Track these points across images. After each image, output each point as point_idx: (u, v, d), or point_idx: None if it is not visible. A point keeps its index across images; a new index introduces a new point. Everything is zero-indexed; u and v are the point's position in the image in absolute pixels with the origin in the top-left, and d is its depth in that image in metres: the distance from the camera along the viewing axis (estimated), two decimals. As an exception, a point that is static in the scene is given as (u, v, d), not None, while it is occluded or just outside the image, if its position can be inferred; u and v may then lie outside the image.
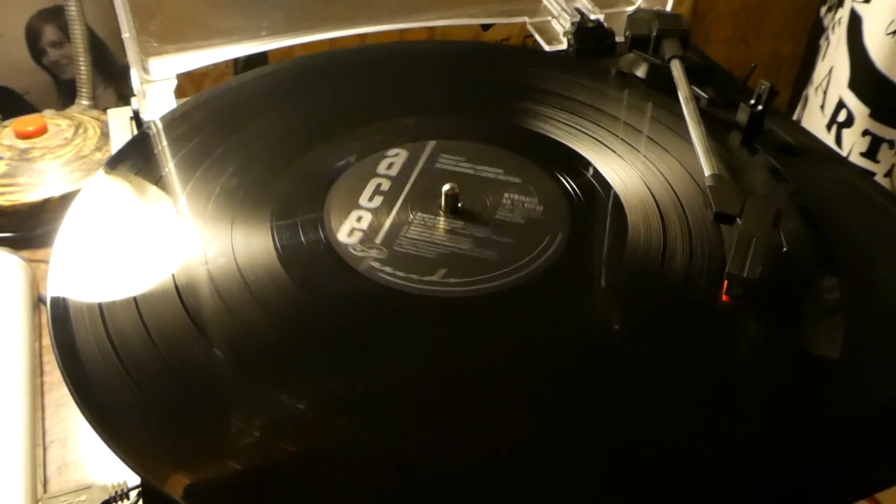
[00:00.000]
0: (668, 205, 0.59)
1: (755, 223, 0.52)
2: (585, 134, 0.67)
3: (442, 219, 0.58)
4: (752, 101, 0.66)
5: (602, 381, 0.47)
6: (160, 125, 0.64)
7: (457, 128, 0.65)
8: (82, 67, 1.00)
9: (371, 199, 0.60)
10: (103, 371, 0.46)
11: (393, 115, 0.66)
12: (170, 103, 0.68)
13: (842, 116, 1.03)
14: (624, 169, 0.63)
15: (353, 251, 0.55)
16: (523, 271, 0.54)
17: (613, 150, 0.65)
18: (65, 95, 1.10)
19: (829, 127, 1.05)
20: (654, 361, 0.49)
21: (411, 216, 0.58)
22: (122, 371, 0.46)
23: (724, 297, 0.51)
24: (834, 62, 1.06)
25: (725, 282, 0.51)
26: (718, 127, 0.67)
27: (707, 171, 0.58)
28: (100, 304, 0.50)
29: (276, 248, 0.55)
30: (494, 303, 0.52)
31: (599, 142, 0.66)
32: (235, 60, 0.79)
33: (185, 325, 0.49)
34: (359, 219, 0.58)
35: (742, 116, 0.67)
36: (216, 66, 0.79)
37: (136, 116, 0.67)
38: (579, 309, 0.52)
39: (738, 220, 0.53)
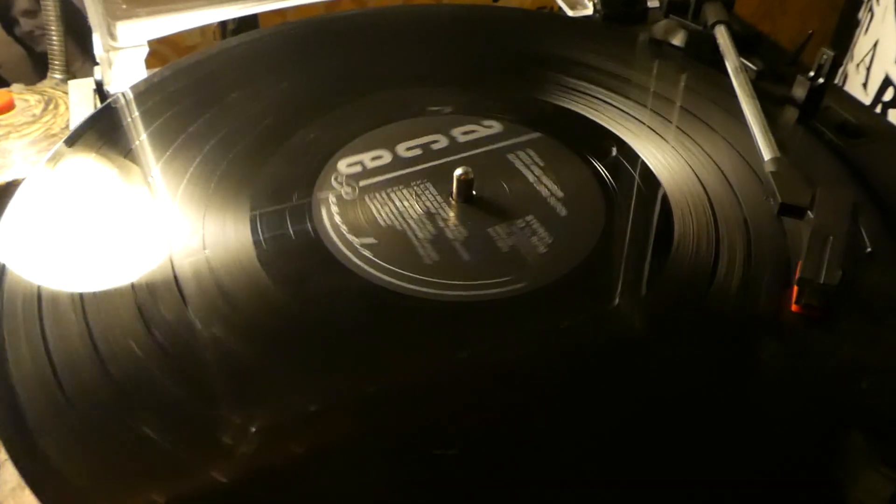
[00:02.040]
0: (721, 194, 0.50)
1: (830, 217, 0.43)
2: (617, 109, 0.58)
3: (453, 208, 0.49)
4: (812, 73, 0.57)
5: (643, 425, 0.38)
6: (128, 97, 0.57)
7: (470, 102, 0.58)
8: (54, 37, 0.91)
9: (370, 183, 0.51)
10: (33, 388, 0.38)
11: (395, 87, 0.59)
12: (140, 73, 0.60)
13: (888, 95, 0.94)
14: (664, 151, 0.54)
15: (344, 246, 0.46)
16: (547, 275, 0.45)
17: (652, 129, 0.56)
18: (41, 69, 1.01)
19: (872, 106, 0.96)
20: (711, 392, 0.40)
21: (417, 205, 0.50)
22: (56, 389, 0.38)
23: (794, 307, 0.42)
24: (880, 36, 0.97)
25: (796, 288, 0.42)
26: (768, 104, 0.58)
27: (767, 155, 0.49)
28: (39, 304, 0.42)
29: (255, 241, 0.46)
30: (506, 311, 0.43)
31: (634, 118, 0.57)
32: (223, 26, 0.70)
33: (138, 333, 0.41)
34: (354, 206, 0.49)
35: (799, 91, 0.58)
36: (204, 35, 0.70)
37: (99, 88, 0.60)
38: (611, 324, 0.43)
39: (808, 213, 0.44)
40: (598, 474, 0.36)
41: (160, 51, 1.05)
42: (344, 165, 0.53)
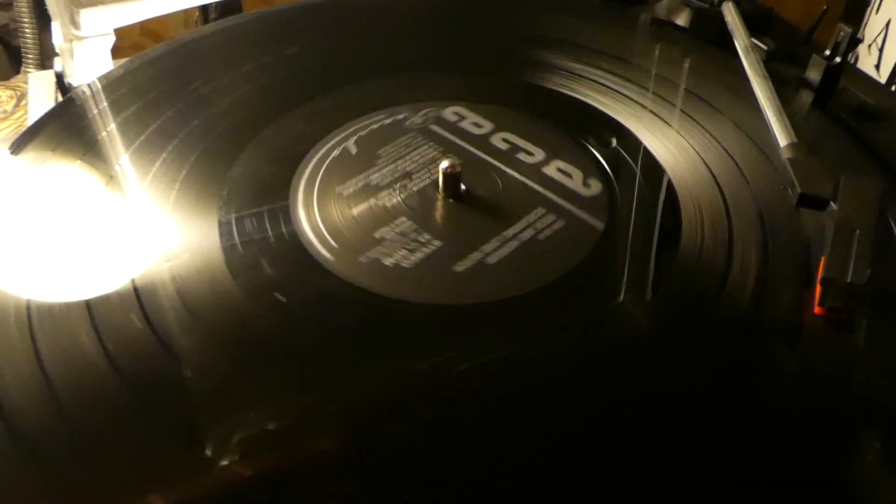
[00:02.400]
0: (732, 183, 0.46)
1: (855, 209, 0.39)
2: (618, 94, 0.54)
3: (440, 204, 0.45)
4: (828, 52, 0.52)
5: (651, 437, 0.34)
6: (94, 88, 0.54)
7: (459, 88, 0.54)
8: (27, 30, 0.88)
9: (351, 180, 0.47)
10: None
11: (381, 74, 0.56)
12: (105, 64, 0.56)
13: (902, 76, 0.89)
14: (669, 137, 0.50)
15: (324, 249, 0.42)
16: (543, 276, 0.41)
17: (656, 115, 0.52)
18: (18, 64, 0.97)
19: (886, 88, 0.92)
20: (725, 404, 0.36)
21: (402, 202, 0.46)
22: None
23: (817, 309, 0.38)
24: (892, 15, 0.93)
25: (819, 288, 0.37)
26: (780, 86, 0.53)
27: (783, 141, 0.45)
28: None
29: (224, 247, 0.42)
30: (501, 316, 0.39)
31: (636, 103, 0.53)
32: (204, 11, 0.66)
33: (88, 347, 0.37)
34: (335, 206, 0.45)
35: (814, 72, 0.53)
36: (188, 26, 0.65)
37: (59, 81, 0.55)
38: (614, 329, 0.39)
39: (831, 204, 0.40)
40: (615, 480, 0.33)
41: (142, 43, 1.01)
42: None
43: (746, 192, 0.46)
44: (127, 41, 0.92)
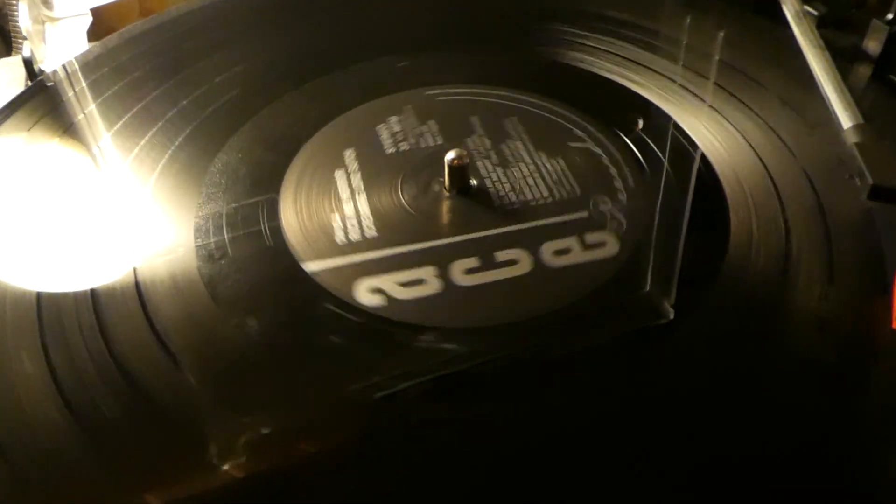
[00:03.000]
0: (785, 170, 0.40)
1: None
2: (647, 70, 0.48)
3: (447, 203, 0.40)
4: (891, 16, 0.46)
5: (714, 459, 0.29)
6: (69, 70, 0.50)
7: (470, 68, 0.49)
8: (16, 12, 0.82)
9: (346, 176, 0.42)
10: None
11: (383, 54, 0.51)
12: (80, 47, 0.53)
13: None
14: (711, 120, 0.44)
15: (306, 251, 0.37)
16: (567, 290, 0.35)
17: (691, 92, 0.46)
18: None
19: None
20: (787, 434, 0.30)
21: (405, 199, 0.40)
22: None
23: (896, 325, 0.32)
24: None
25: (896, 300, 0.32)
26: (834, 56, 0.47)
27: (847, 122, 0.39)
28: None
29: (198, 247, 0.38)
30: (521, 332, 0.34)
31: (667, 79, 0.47)
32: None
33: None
34: (330, 202, 0.40)
35: (874, 40, 0.47)
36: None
37: (28, 66, 0.51)
38: (655, 350, 0.33)
39: (909, 197, 0.34)
40: None
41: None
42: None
43: (803, 180, 0.40)
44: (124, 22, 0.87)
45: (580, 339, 0.33)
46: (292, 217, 0.39)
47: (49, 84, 0.48)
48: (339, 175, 0.41)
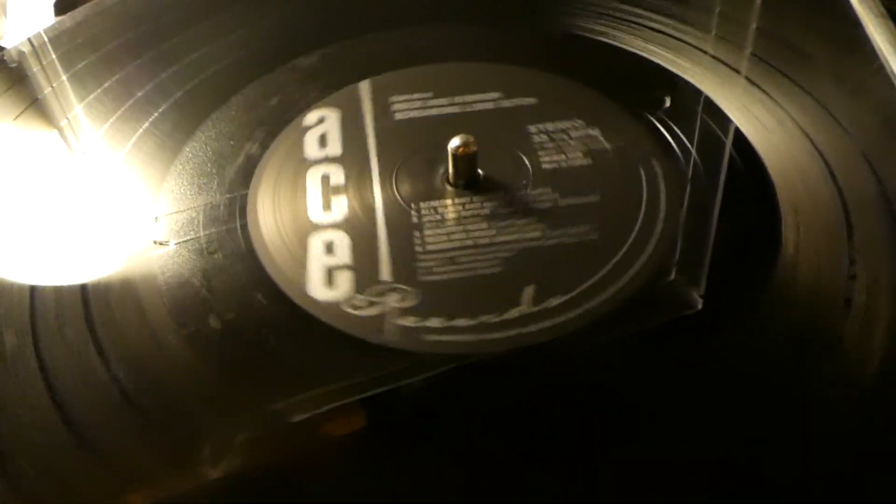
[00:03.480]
0: (846, 160, 0.36)
1: None
2: (674, 41, 0.44)
3: (450, 200, 0.35)
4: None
5: None
6: (35, 44, 0.47)
7: (475, 43, 0.45)
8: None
9: (327, 171, 0.38)
10: None
11: (375, 29, 0.46)
12: (45, 21, 0.51)
13: None
14: (748, 96, 0.39)
15: (288, 264, 0.34)
16: (589, 301, 0.31)
17: (731, 68, 0.41)
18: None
19: None
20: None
21: (400, 195, 0.36)
22: None
23: None
24: None
25: None
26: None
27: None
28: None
29: (156, 247, 0.35)
30: (534, 362, 0.30)
31: (697, 50, 0.43)
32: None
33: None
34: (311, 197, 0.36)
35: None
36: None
37: None
38: (692, 383, 0.29)
39: None
40: None
41: None
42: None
43: (860, 164, 0.35)
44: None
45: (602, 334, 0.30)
46: (270, 224, 0.35)
47: (12, 65, 0.46)
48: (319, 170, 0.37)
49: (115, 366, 0.31)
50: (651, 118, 0.39)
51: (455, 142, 0.34)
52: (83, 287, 0.34)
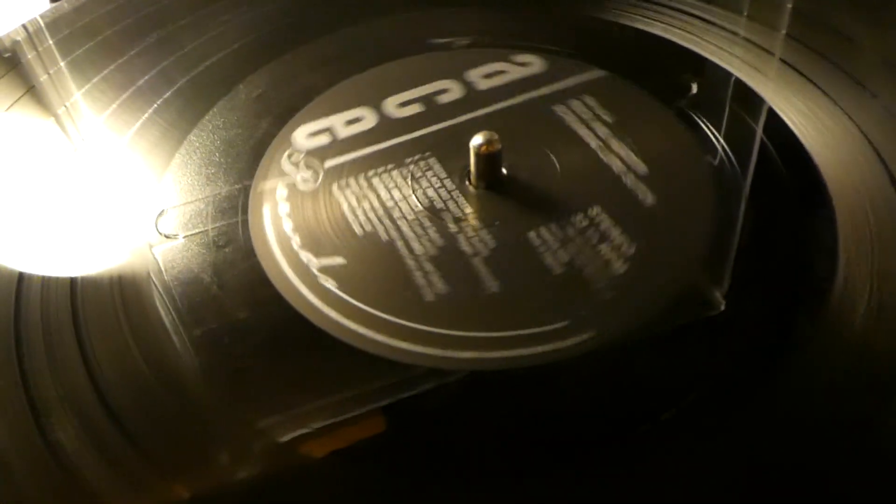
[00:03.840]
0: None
1: None
2: (702, 21, 0.41)
3: (471, 199, 0.33)
4: None
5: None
6: (30, 30, 0.46)
7: (494, 28, 0.42)
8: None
9: (342, 161, 0.35)
10: None
11: (384, 13, 0.44)
12: (41, 6, 0.49)
13: None
14: (784, 79, 0.37)
15: (293, 271, 0.31)
16: (628, 315, 0.28)
17: (757, 45, 0.39)
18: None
19: None
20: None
21: (415, 197, 0.33)
22: None
23: None
24: None
25: None
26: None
27: None
28: None
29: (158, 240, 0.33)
30: (561, 382, 0.27)
31: (727, 31, 0.40)
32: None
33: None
34: (315, 201, 0.34)
35: None
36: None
37: None
38: (738, 418, 0.26)
39: None
40: None
41: None
42: (303, 135, 0.37)
43: None
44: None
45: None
46: (269, 220, 0.33)
47: (5, 55, 0.44)
48: (330, 163, 0.35)
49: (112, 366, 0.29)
50: (680, 106, 0.36)
51: (478, 139, 0.32)
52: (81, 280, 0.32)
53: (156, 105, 0.40)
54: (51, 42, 0.45)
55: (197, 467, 0.26)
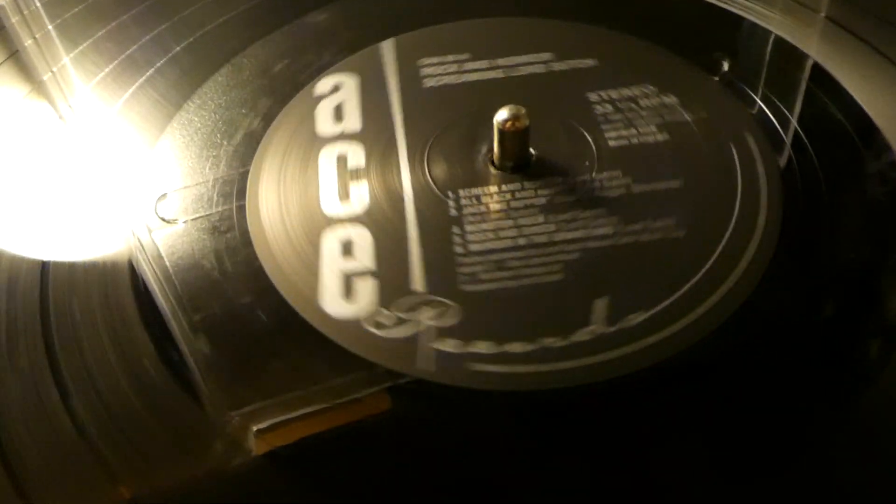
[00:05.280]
0: None
1: None
2: None
3: (496, 187, 0.29)
4: None
5: None
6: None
7: None
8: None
9: (343, 150, 0.32)
10: None
11: None
12: None
13: None
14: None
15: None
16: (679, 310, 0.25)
17: (844, 27, 0.35)
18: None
19: None
20: None
21: (433, 181, 0.30)
22: None
23: None
24: None
25: None
26: None
27: None
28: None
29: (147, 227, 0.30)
30: (607, 402, 0.24)
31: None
32: None
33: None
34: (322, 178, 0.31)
35: None
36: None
37: None
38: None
39: None
40: None
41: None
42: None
43: None
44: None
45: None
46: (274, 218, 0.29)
47: None
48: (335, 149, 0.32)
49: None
50: (756, 98, 0.33)
51: (502, 114, 0.28)
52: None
53: (148, 74, 0.38)
54: (38, 4, 0.42)
55: (192, 453, 0.24)
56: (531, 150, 0.30)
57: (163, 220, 0.30)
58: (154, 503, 0.24)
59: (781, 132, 0.31)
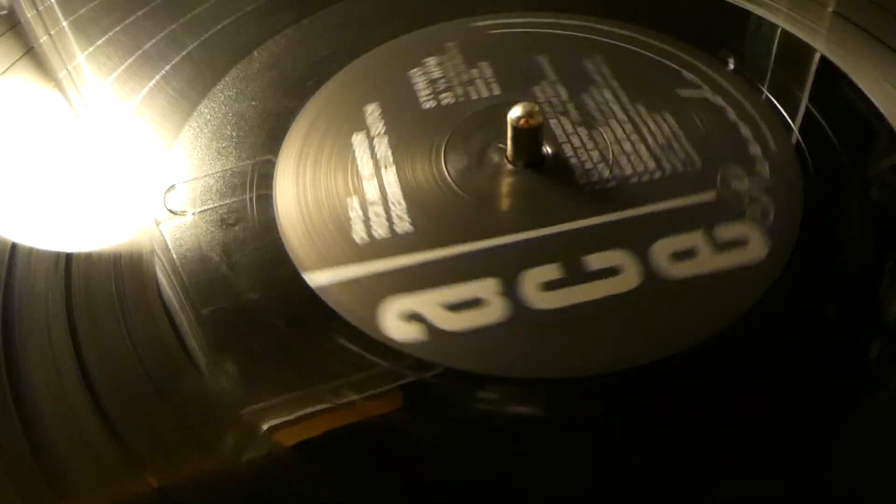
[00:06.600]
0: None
1: None
2: None
3: (510, 180, 0.30)
4: None
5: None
6: None
7: None
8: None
9: (368, 142, 0.32)
10: None
11: None
12: None
13: None
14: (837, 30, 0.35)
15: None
16: (697, 314, 0.25)
17: (852, 21, 0.35)
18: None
19: None
20: None
21: (447, 175, 0.31)
22: None
23: None
24: None
25: None
26: None
27: None
28: None
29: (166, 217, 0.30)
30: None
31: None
32: None
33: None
34: (345, 189, 0.31)
35: None
36: None
37: None
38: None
39: None
40: None
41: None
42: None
43: None
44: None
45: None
46: (291, 201, 0.30)
47: (1, 12, 0.43)
48: (359, 141, 0.32)
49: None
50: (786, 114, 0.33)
51: (516, 111, 0.29)
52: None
53: (164, 71, 0.38)
54: (52, 0, 0.43)
55: (200, 449, 0.25)
56: (547, 148, 0.30)
57: (171, 212, 0.31)
58: (158, 499, 0.25)
59: (791, 123, 0.32)
